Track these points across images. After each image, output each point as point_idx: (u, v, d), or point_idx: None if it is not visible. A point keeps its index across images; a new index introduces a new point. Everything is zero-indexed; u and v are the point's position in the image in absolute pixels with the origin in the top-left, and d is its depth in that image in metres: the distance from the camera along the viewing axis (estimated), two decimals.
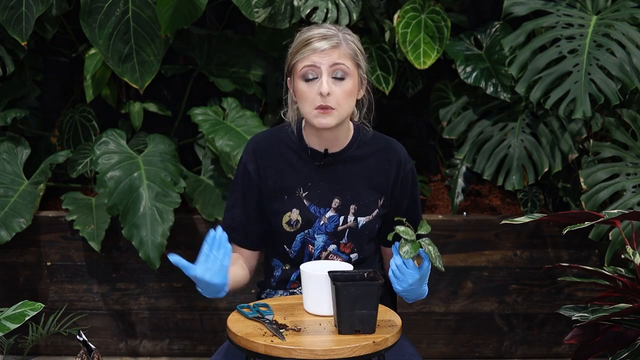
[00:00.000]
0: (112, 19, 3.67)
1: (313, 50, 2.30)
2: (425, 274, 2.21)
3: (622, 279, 2.77)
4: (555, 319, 3.72)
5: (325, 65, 2.30)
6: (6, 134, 3.86)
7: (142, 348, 3.80)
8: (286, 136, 2.45)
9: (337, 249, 2.43)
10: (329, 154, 2.41)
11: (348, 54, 2.32)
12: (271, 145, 2.44)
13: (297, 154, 2.43)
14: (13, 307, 2.40)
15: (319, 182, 2.40)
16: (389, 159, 2.44)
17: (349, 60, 2.32)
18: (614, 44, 3.40)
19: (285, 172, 2.42)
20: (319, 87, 2.29)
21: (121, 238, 3.65)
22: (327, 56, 2.30)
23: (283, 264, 2.47)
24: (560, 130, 3.64)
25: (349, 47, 2.33)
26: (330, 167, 2.41)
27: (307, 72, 2.31)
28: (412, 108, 4.26)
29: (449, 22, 3.74)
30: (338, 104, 2.31)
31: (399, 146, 2.48)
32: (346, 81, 2.32)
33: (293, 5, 3.61)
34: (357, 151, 2.43)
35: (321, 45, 2.30)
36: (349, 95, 2.33)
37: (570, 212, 2.88)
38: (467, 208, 3.93)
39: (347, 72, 2.31)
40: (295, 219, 2.41)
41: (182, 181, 3.63)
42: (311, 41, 2.31)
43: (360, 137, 2.44)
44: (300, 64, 2.32)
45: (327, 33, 2.32)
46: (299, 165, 2.42)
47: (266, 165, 2.43)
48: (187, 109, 3.90)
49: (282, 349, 2.02)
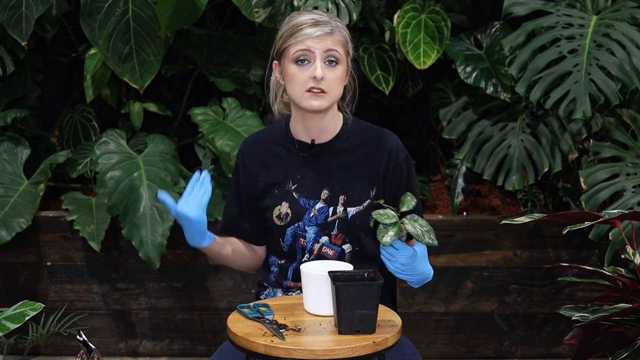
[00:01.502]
0: (112, 19, 3.67)
1: (307, 35, 2.35)
2: (418, 252, 2.23)
3: (622, 279, 2.77)
4: (555, 319, 3.72)
5: (320, 50, 2.35)
6: (6, 134, 3.86)
7: (142, 348, 3.80)
8: (275, 132, 2.50)
9: (329, 241, 2.44)
10: (315, 145, 2.44)
11: (340, 41, 2.38)
12: (260, 144, 2.50)
13: (285, 147, 2.47)
14: (13, 307, 2.40)
15: (307, 173, 2.43)
16: (380, 148, 2.45)
17: (341, 47, 2.38)
18: (614, 44, 3.40)
19: (274, 167, 2.46)
20: (313, 70, 2.34)
21: (121, 238, 3.65)
22: (322, 41, 2.35)
23: (279, 259, 2.49)
24: (560, 130, 3.64)
25: (341, 35, 2.40)
26: (318, 158, 2.44)
27: (300, 55, 2.36)
28: (412, 108, 4.26)
29: (449, 22, 3.74)
30: (330, 89, 2.36)
31: (390, 136, 2.49)
32: (338, 67, 2.37)
33: (293, 5, 3.61)
34: (346, 142, 2.45)
35: (315, 31, 2.35)
36: (339, 80, 2.39)
37: (570, 212, 2.88)
38: (467, 208, 3.93)
39: (339, 58, 2.37)
40: (285, 212, 2.44)
41: (182, 181, 3.63)
42: (304, 26, 2.37)
43: (350, 127, 2.46)
44: (293, 48, 2.37)
45: (321, 19, 2.38)
46: (287, 158, 2.46)
47: (255, 164, 2.47)
48: (187, 109, 3.90)
49: (282, 349, 2.02)
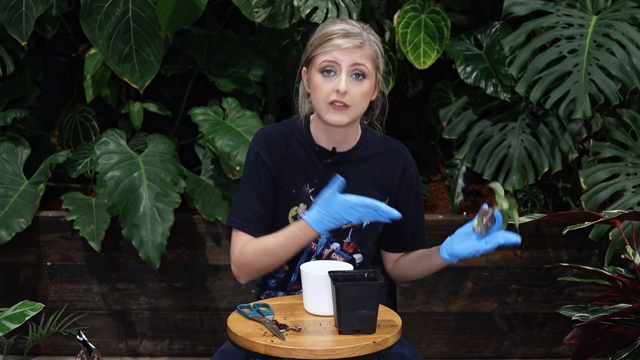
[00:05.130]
0: (112, 19, 3.66)
1: (336, 47, 2.28)
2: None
3: (622, 279, 2.77)
4: (555, 319, 3.72)
5: (346, 63, 2.28)
6: (6, 134, 3.86)
7: (142, 348, 3.80)
8: (296, 130, 2.43)
9: (340, 248, 2.43)
10: (336, 153, 2.41)
11: (369, 55, 2.31)
12: (281, 138, 2.42)
13: (305, 149, 2.42)
14: (13, 307, 2.40)
15: (325, 179, 2.39)
16: (395, 161, 2.45)
17: (369, 62, 2.31)
18: (614, 44, 3.40)
19: (294, 166, 2.41)
20: (337, 83, 2.28)
21: (121, 238, 3.65)
22: (349, 54, 2.28)
23: (282, 264, 2.46)
24: (560, 130, 3.64)
25: (372, 49, 2.32)
26: (337, 166, 2.41)
27: (326, 66, 2.29)
28: (412, 108, 4.26)
29: (449, 22, 3.74)
30: (353, 103, 2.30)
31: (404, 148, 2.49)
32: (364, 82, 2.31)
33: (293, 5, 3.61)
34: (364, 152, 2.43)
35: (344, 43, 2.28)
36: (365, 96, 2.32)
37: (570, 212, 2.88)
38: (467, 208, 3.93)
39: (366, 73, 2.31)
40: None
41: (182, 181, 3.63)
42: (334, 37, 2.29)
43: (367, 137, 2.45)
44: (321, 58, 2.30)
45: (352, 31, 2.30)
46: (307, 161, 2.41)
47: (277, 156, 2.41)
48: (187, 109, 3.90)
49: (282, 349, 2.02)
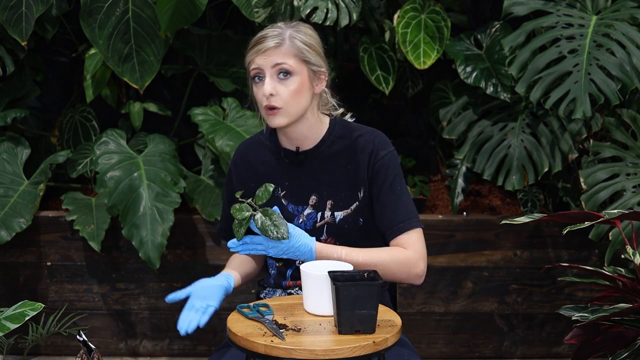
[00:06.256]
0: (112, 19, 3.67)
1: (257, 52, 2.33)
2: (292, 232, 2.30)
3: (622, 279, 2.77)
4: (555, 319, 3.72)
5: (267, 66, 2.32)
6: (6, 134, 3.86)
7: (142, 348, 3.80)
8: (266, 137, 2.49)
9: None
10: (300, 152, 2.43)
11: (290, 52, 2.32)
12: (251, 150, 2.49)
13: (273, 154, 2.46)
14: (13, 307, 2.40)
15: (295, 180, 2.42)
16: (362, 149, 2.42)
17: (291, 59, 2.32)
18: (614, 44, 3.39)
19: (264, 174, 2.45)
20: (262, 88, 2.32)
21: (121, 238, 3.65)
22: (268, 57, 2.32)
23: (276, 261, 2.49)
24: (560, 130, 3.64)
25: (293, 45, 2.33)
26: (305, 165, 2.43)
27: (254, 74, 2.34)
28: (412, 108, 4.26)
29: (449, 22, 3.74)
30: (285, 103, 2.33)
31: (373, 134, 2.44)
32: (291, 80, 2.32)
33: (293, 5, 3.61)
34: (331, 147, 2.43)
35: (263, 47, 2.32)
36: (295, 93, 2.33)
37: (570, 212, 2.87)
38: (467, 208, 3.93)
39: (290, 70, 2.32)
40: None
41: (182, 181, 3.63)
42: (253, 44, 2.34)
43: (335, 132, 2.44)
44: (249, 67, 2.36)
45: (270, 33, 2.34)
46: (276, 165, 2.45)
47: (246, 169, 2.47)
48: (187, 109, 3.90)
49: (282, 349, 2.02)
